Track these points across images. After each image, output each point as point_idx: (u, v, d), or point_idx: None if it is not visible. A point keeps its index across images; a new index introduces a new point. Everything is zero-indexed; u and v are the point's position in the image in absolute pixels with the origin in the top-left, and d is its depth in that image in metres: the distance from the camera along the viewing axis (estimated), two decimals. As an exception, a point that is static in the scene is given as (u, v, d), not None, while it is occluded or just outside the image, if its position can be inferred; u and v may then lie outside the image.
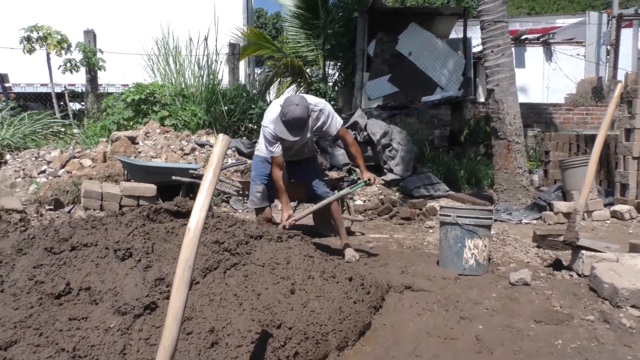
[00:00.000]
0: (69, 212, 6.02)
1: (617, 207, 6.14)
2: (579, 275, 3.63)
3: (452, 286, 3.47)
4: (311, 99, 3.98)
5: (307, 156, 4.35)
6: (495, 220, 5.67)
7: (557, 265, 3.94)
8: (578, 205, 3.74)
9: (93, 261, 2.56)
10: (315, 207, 4.19)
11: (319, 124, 4.01)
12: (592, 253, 3.64)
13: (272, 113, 3.93)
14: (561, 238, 3.87)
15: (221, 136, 1.75)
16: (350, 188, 4.45)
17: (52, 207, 6.11)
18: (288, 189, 4.13)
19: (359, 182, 4.28)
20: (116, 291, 2.36)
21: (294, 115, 3.70)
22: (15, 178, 6.92)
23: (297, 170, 4.31)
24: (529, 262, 4.14)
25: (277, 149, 3.92)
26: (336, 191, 4.97)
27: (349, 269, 3.13)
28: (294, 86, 13.36)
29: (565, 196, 6.57)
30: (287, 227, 3.95)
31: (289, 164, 4.18)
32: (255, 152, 4.39)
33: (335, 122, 4.05)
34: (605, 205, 6.31)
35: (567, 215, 5.78)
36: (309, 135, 4.03)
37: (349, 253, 4.18)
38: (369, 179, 4.14)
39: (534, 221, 6.05)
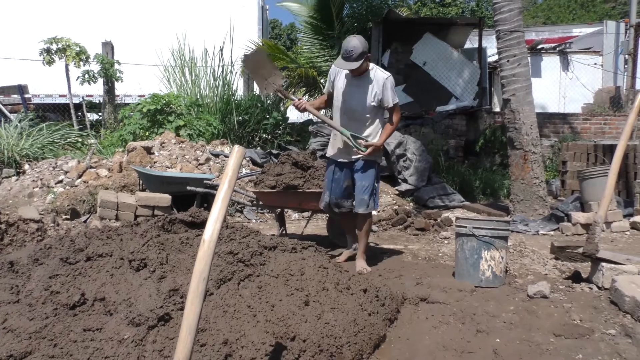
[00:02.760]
0: (85, 221, 6.08)
1: (637, 218, 6.02)
2: (598, 288, 3.55)
3: (468, 298, 3.42)
4: (385, 72, 4.19)
5: (357, 156, 4.18)
6: (512, 232, 5.59)
7: (576, 277, 3.86)
8: (598, 217, 3.67)
9: (108, 271, 2.58)
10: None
11: (382, 88, 4.11)
12: (613, 265, 3.56)
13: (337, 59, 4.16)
14: (580, 250, 3.80)
15: (236, 147, 1.74)
16: (349, 136, 4.17)
17: (68, 216, 6.17)
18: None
19: (359, 142, 4.12)
20: (130, 302, 2.37)
21: (349, 43, 3.94)
22: (33, 188, 7.01)
23: (354, 171, 4.25)
24: (547, 274, 4.06)
25: (329, 86, 4.27)
26: None
27: (363, 280, 3.10)
28: (307, 96, 13.39)
29: (584, 207, 6.46)
30: (298, 106, 4.19)
31: (340, 165, 4.26)
32: (328, 154, 4.42)
33: (394, 96, 4.18)
34: (625, 217, 6.19)
35: (585, 226, 5.68)
36: (373, 95, 4.08)
37: (361, 265, 4.16)
38: (365, 148, 4.08)
39: (552, 232, 5.95)
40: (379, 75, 4.12)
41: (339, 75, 4.22)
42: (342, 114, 4.21)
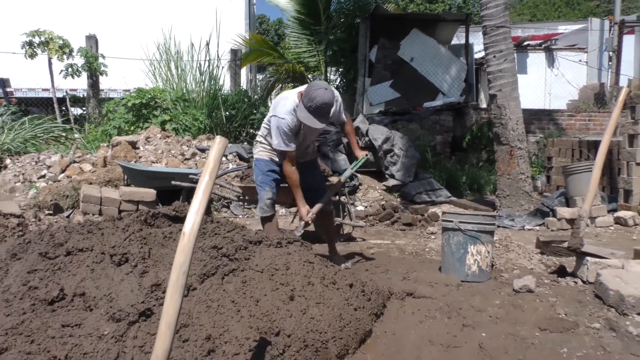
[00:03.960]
0: (68, 217, 5.98)
1: (621, 214, 6.08)
2: (583, 282, 3.57)
3: (454, 293, 3.41)
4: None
5: (312, 158, 4.21)
6: (498, 226, 5.61)
7: (561, 271, 3.88)
8: (582, 212, 3.68)
9: (88, 266, 2.52)
10: (324, 198, 4.06)
11: (336, 112, 3.89)
12: (597, 259, 3.58)
13: (288, 104, 3.73)
14: (565, 244, 3.81)
15: (218, 138, 1.71)
16: (351, 168, 4.28)
17: (51, 211, 6.07)
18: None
19: (357, 161, 4.14)
20: (111, 297, 2.32)
21: (323, 100, 3.54)
22: (15, 183, 6.89)
23: (302, 170, 4.05)
24: (533, 268, 4.07)
25: (294, 144, 3.76)
26: (338, 197, 4.93)
27: (349, 275, 3.07)
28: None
29: (569, 202, 6.51)
30: (309, 222, 3.86)
31: (299, 165, 3.99)
32: (257, 156, 4.10)
33: (343, 108, 4.01)
34: (609, 212, 6.25)
35: (570, 221, 5.71)
36: (325, 125, 3.91)
37: (339, 260, 4.12)
38: (366, 155, 4.07)
39: (537, 227, 5.99)
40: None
41: (297, 125, 3.77)
42: (299, 149, 3.96)
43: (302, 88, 3.78)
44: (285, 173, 3.87)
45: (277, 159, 3.98)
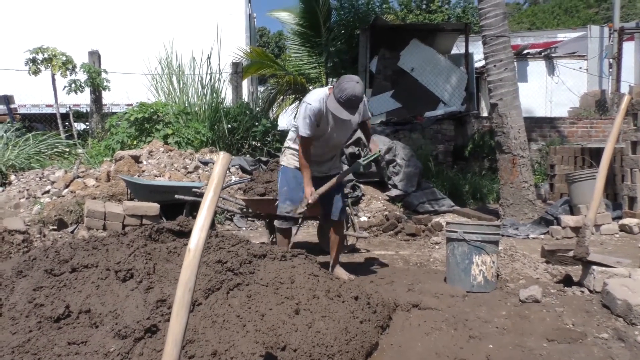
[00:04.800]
0: (72, 232, 5.99)
1: (626, 221, 6.05)
2: (590, 291, 3.55)
3: (460, 304, 3.40)
4: None
5: (333, 172, 4.14)
6: (502, 236, 5.59)
7: (567, 281, 3.86)
8: (587, 220, 3.67)
9: (93, 283, 2.52)
10: (329, 183, 3.97)
11: (367, 113, 4.05)
12: (603, 268, 3.56)
13: (319, 93, 3.81)
14: (571, 253, 3.79)
15: (222, 154, 1.71)
16: (362, 160, 4.19)
17: (55, 227, 6.08)
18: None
19: (369, 154, 4.12)
20: (117, 314, 2.31)
21: (354, 91, 3.56)
22: (20, 199, 6.90)
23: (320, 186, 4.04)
24: (539, 278, 4.06)
25: (313, 129, 3.77)
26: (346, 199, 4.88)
27: (354, 287, 3.06)
28: (296, 103, 13.39)
29: (573, 210, 6.49)
30: (311, 202, 3.83)
31: (316, 180, 3.96)
32: (283, 163, 4.08)
33: (368, 106, 4.09)
34: (614, 219, 6.22)
35: (575, 229, 5.70)
36: (357, 124, 4.02)
37: (342, 273, 4.10)
38: (379, 151, 4.07)
39: (542, 236, 5.96)
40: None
41: (324, 116, 3.81)
42: (325, 148, 4.00)
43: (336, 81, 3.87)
44: (302, 154, 3.87)
45: None
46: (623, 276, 3.44)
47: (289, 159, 4.06)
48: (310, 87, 13.29)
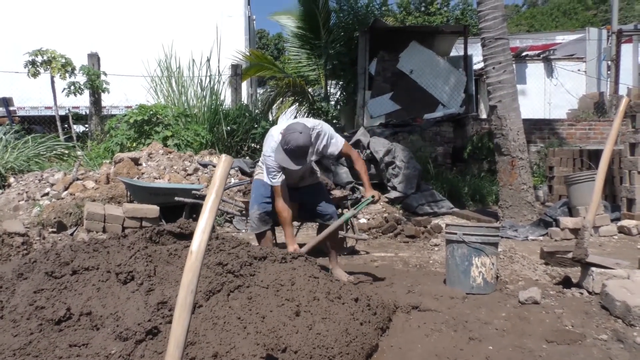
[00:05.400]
0: (71, 234, 5.99)
1: (625, 223, 6.07)
2: (589, 292, 3.56)
3: (460, 306, 3.40)
4: (309, 122, 3.86)
5: (311, 182, 4.20)
6: (501, 237, 5.61)
7: (566, 282, 3.87)
8: (586, 222, 3.69)
9: (94, 285, 2.52)
10: (320, 235, 4.00)
11: (320, 147, 3.91)
12: (602, 270, 3.57)
13: (272, 142, 3.80)
14: (570, 255, 3.81)
15: (223, 157, 1.72)
16: (354, 209, 4.27)
17: (55, 229, 6.08)
18: (291, 209, 4.04)
19: (362, 200, 4.17)
20: (117, 316, 2.32)
21: (297, 143, 3.58)
22: (19, 201, 6.90)
23: (302, 195, 4.13)
24: (538, 279, 4.07)
25: (279, 179, 3.79)
26: (340, 210, 4.92)
27: (355, 289, 3.07)
28: (296, 105, 13.42)
29: (571, 212, 6.50)
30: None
31: (292, 190, 4.00)
32: (255, 176, 4.23)
33: (337, 142, 3.94)
34: (612, 221, 6.24)
35: (573, 231, 5.71)
36: (313, 158, 3.97)
37: (341, 274, 4.10)
38: (373, 196, 4.01)
39: (541, 237, 5.98)
40: (314, 137, 3.83)
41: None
42: (290, 178, 3.97)
43: (285, 125, 3.79)
44: (277, 209, 3.89)
45: None
46: (622, 278, 3.45)
47: (259, 174, 4.13)
48: (309, 89, 13.34)
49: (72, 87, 10.08)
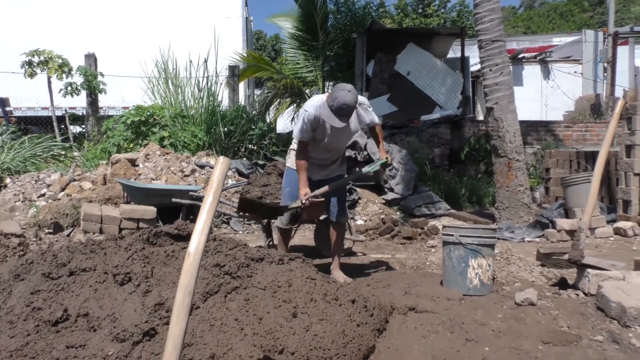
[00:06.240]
0: (68, 235, 5.98)
1: (620, 224, 6.09)
2: (585, 294, 3.58)
3: (456, 307, 3.41)
4: (360, 97, 3.98)
5: (338, 173, 4.23)
6: (498, 239, 5.62)
7: (562, 284, 3.89)
8: (582, 223, 3.70)
9: (92, 286, 2.52)
10: (332, 185, 4.02)
11: (367, 119, 4.05)
12: (598, 271, 3.59)
13: (316, 100, 3.89)
14: (566, 256, 3.82)
15: (221, 159, 1.72)
16: (368, 166, 4.28)
17: (51, 230, 6.07)
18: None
19: (376, 160, 4.18)
20: (115, 317, 2.32)
21: (345, 100, 3.62)
22: (15, 202, 6.89)
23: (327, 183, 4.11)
24: (534, 281, 4.08)
25: (308, 135, 3.86)
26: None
27: (351, 291, 3.08)
28: (293, 106, 13.41)
29: (568, 213, 6.53)
30: (305, 204, 3.86)
31: (323, 183, 4.03)
32: (288, 164, 4.19)
33: (373, 113, 4.12)
34: (608, 222, 6.26)
35: (570, 232, 5.73)
36: (358, 128, 4.05)
37: (339, 276, 4.12)
38: (387, 158, 4.13)
39: (537, 239, 6.00)
40: (362, 110, 3.99)
41: (320, 122, 3.87)
42: (325, 153, 4.06)
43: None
44: (295, 155, 3.97)
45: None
46: (617, 279, 3.47)
47: (292, 160, 4.12)
48: (306, 91, 13.34)
49: (69, 88, 10.07)
